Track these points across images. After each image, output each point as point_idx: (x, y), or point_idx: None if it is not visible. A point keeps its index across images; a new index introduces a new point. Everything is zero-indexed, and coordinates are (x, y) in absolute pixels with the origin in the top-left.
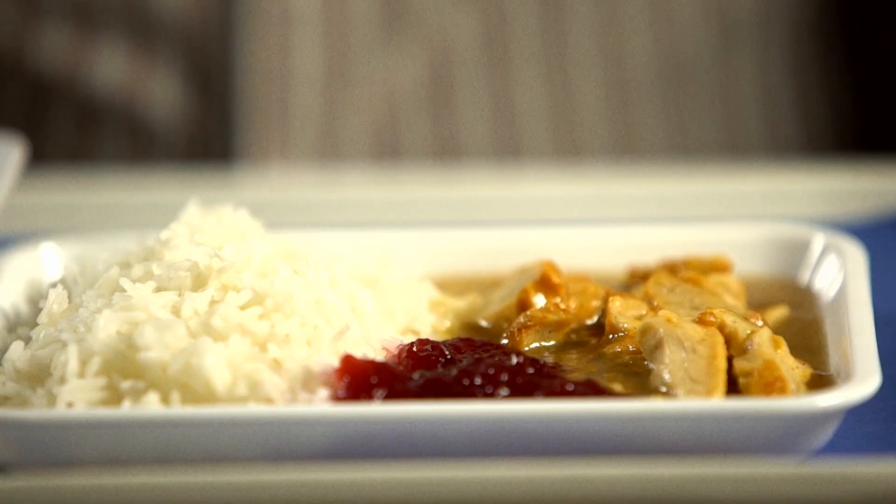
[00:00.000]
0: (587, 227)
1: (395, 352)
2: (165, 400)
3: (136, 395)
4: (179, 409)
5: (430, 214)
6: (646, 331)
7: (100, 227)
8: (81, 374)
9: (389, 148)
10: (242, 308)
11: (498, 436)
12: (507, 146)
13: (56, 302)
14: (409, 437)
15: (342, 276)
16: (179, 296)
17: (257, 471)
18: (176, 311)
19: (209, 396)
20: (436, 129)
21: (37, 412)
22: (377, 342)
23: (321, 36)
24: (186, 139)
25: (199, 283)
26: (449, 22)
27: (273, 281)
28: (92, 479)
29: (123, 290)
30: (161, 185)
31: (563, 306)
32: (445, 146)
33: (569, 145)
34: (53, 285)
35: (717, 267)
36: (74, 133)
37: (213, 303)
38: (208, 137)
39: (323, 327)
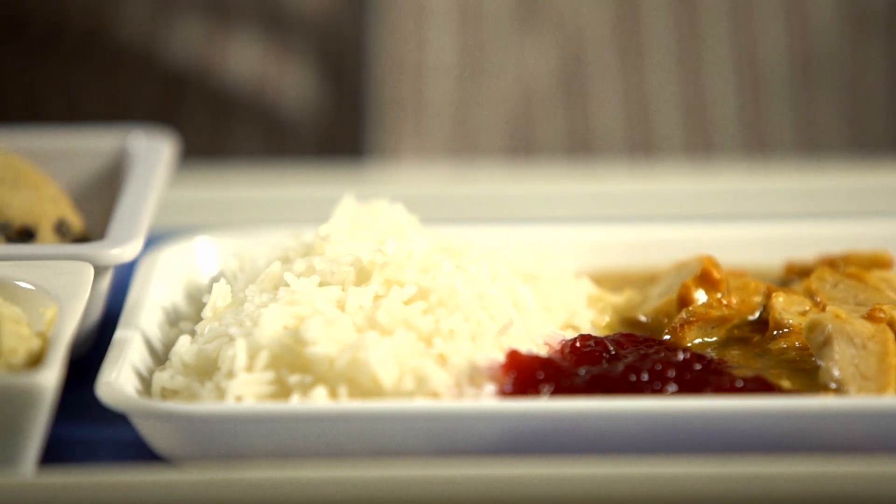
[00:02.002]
0: (742, 223)
1: (558, 347)
2: (333, 394)
3: (304, 389)
4: (348, 404)
5: (563, 209)
6: (814, 327)
7: (241, 221)
8: (250, 369)
9: (522, 141)
10: (406, 303)
11: (666, 432)
12: (640, 140)
13: (220, 297)
14: (576, 433)
15: (503, 272)
16: (343, 291)
17: (424, 466)
18: (340, 306)
19: (376, 391)
20: (569, 121)
21: (207, 406)
22: (539, 337)
23: (455, 28)
24: (319, 133)
25: (361, 278)
26: (582, 13)
27: (436, 276)
28: (260, 472)
29: (286, 285)
30: (295, 180)
31: (724, 302)
32: (578, 139)
33: (700, 139)
34: (216, 280)
35: (878, 263)
36: (208, 127)
37: (376, 298)
38: (341, 131)
39: (486, 322)
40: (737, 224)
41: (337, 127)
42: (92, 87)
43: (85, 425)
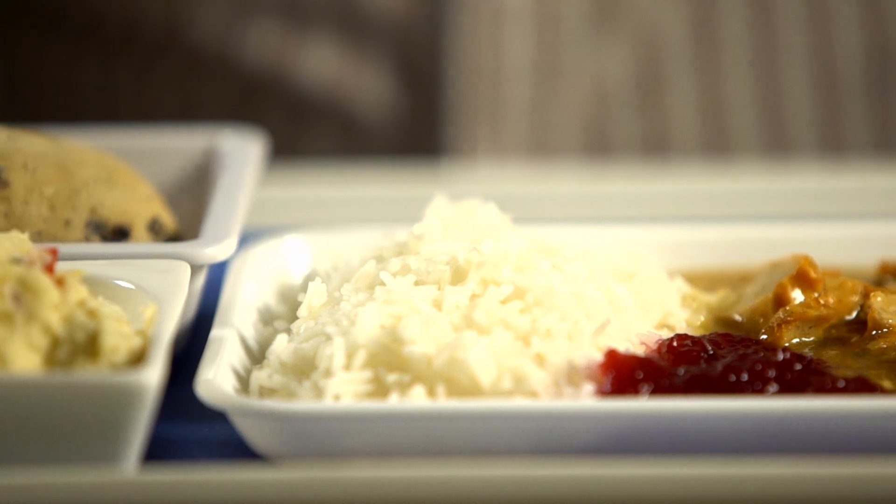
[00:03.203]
0: (833, 222)
1: (655, 347)
2: (431, 393)
3: (403, 388)
4: (447, 403)
5: (639, 210)
6: None
7: (322, 221)
8: (348, 367)
9: (598, 142)
10: (503, 302)
11: (767, 433)
12: (716, 140)
13: (315, 296)
14: (677, 433)
15: (598, 271)
16: (439, 290)
17: (523, 465)
18: (437, 305)
19: (474, 390)
20: (644, 122)
21: (307, 404)
22: (635, 337)
23: (531, 30)
24: (395, 135)
25: (457, 277)
26: (658, 15)
27: (533, 275)
28: (358, 471)
29: (382, 284)
30: (372, 180)
31: (822, 301)
32: (654, 140)
33: (776, 139)
34: (309, 279)
35: None
36: (283, 128)
37: (473, 297)
38: (417, 133)
39: (583, 322)
40: (828, 223)
41: (413, 128)
42: (167, 89)
43: (182, 423)
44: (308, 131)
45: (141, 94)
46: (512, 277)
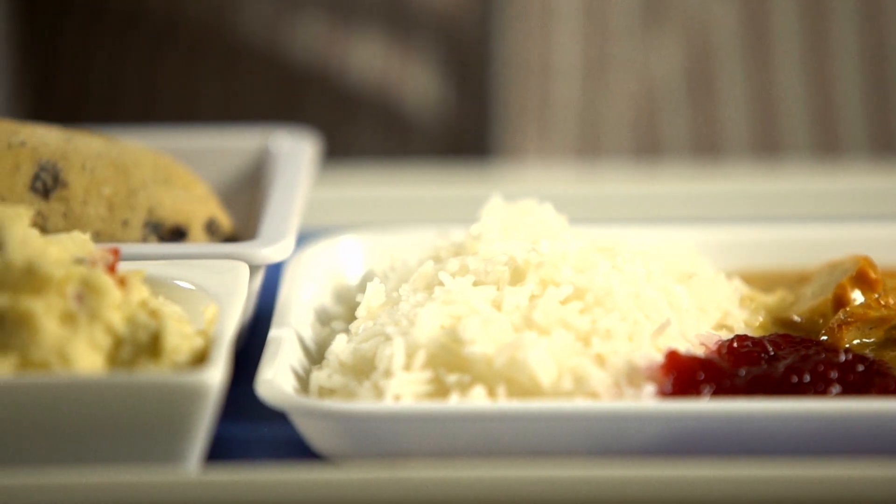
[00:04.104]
0: (892, 222)
1: (714, 347)
2: (491, 394)
3: (463, 388)
4: (508, 404)
5: (690, 209)
6: None
7: (372, 220)
8: (408, 368)
9: (647, 140)
10: (563, 303)
11: (831, 434)
12: (766, 140)
13: (374, 296)
14: (739, 434)
15: (657, 271)
16: (498, 290)
17: (584, 466)
18: (496, 306)
19: (534, 390)
20: (694, 121)
21: (368, 405)
22: (695, 338)
23: (580, 27)
24: (442, 133)
25: (516, 277)
26: (708, 11)
27: (592, 275)
28: (418, 471)
29: (440, 285)
30: (420, 179)
31: (882, 302)
32: (704, 138)
33: (827, 138)
34: (367, 279)
35: None
36: (328, 126)
37: (532, 297)
38: (465, 131)
39: (642, 322)
40: (884, 223)
41: (460, 127)
42: (211, 84)
43: (240, 423)
44: (353, 128)
45: (184, 89)
46: (571, 278)
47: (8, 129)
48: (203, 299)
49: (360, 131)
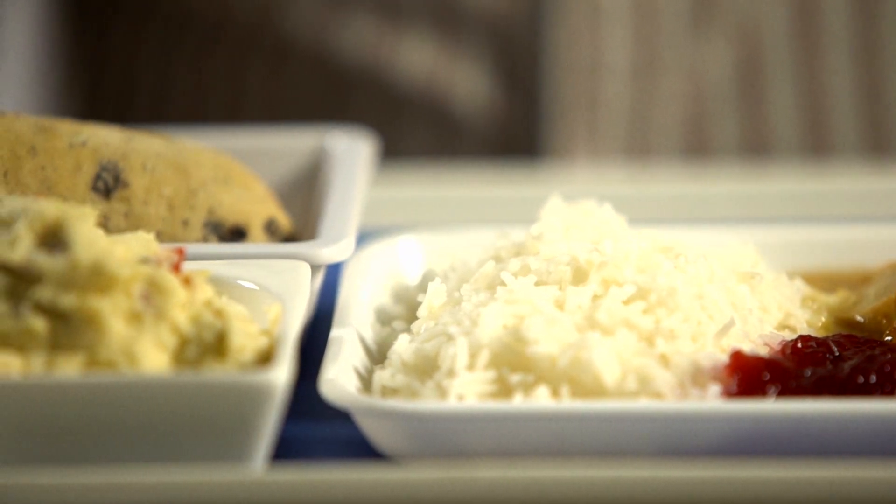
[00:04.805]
0: None
1: (778, 348)
2: (555, 393)
3: (526, 388)
4: (573, 404)
5: (741, 210)
6: None
7: (423, 220)
8: (471, 367)
9: (697, 141)
10: (626, 303)
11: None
12: (816, 140)
13: (435, 296)
14: (805, 435)
15: (719, 271)
16: (560, 290)
17: (649, 467)
18: (559, 306)
19: (598, 391)
20: (744, 121)
21: (433, 404)
22: (758, 338)
23: (629, 27)
24: (491, 133)
25: (578, 277)
26: (758, 11)
27: (655, 275)
28: (483, 471)
29: (502, 285)
30: (469, 179)
31: None
32: (754, 139)
33: (877, 139)
34: (429, 278)
35: None
36: (377, 126)
37: (595, 297)
38: (514, 131)
39: (706, 322)
40: None
41: (510, 127)
42: (259, 84)
43: (302, 422)
44: (402, 128)
45: (232, 89)
46: (634, 278)
47: (69, 129)
48: (266, 299)
49: (409, 131)
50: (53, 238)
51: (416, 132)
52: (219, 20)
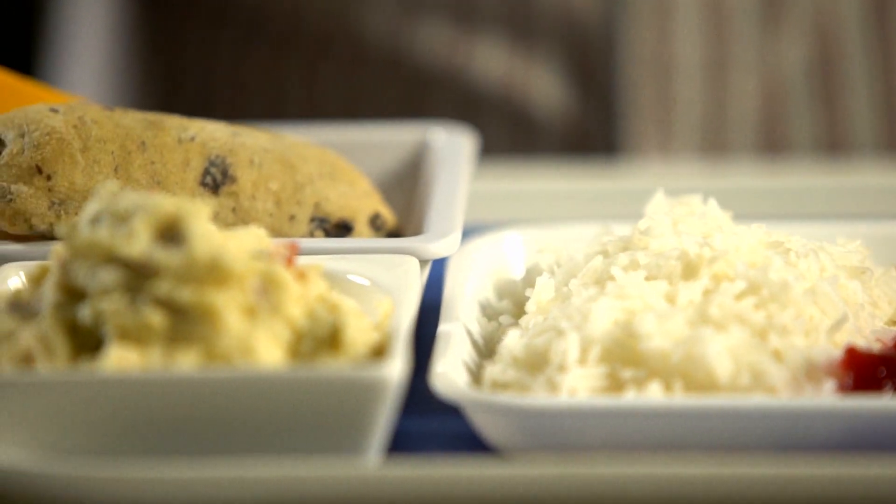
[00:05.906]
0: None
1: (891, 343)
2: (668, 389)
3: (639, 383)
4: (688, 399)
5: (818, 206)
6: None
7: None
8: (582, 362)
9: (772, 138)
10: (737, 298)
11: None
12: (893, 135)
13: (544, 290)
14: None
15: (830, 267)
16: (671, 285)
17: (764, 464)
18: (670, 300)
19: (710, 386)
20: (819, 117)
21: (545, 399)
22: (870, 333)
23: (702, 24)
24: (566, 130)
25: (689, 272)
26: (831, 6)
27: (766, 270)
28: (595, 466)
29: (611, 279)
30: (547, 176)
31: None
32: (829, 136)
33: None
34: (536, 273)
35: None
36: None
37: (706, 292)
38: (588, 129)
39: (818, 318)
40: None
41: (584, 126)
42: (334, 85)
43: (411, 416)
44: (478, 127)
45: (308, 89)
46: (745, 273)
47: (178, 125)
48: (376, 294)
49: (486, 132)
50: (170, 233)
51: (493, 132)
52: (293, 24)
